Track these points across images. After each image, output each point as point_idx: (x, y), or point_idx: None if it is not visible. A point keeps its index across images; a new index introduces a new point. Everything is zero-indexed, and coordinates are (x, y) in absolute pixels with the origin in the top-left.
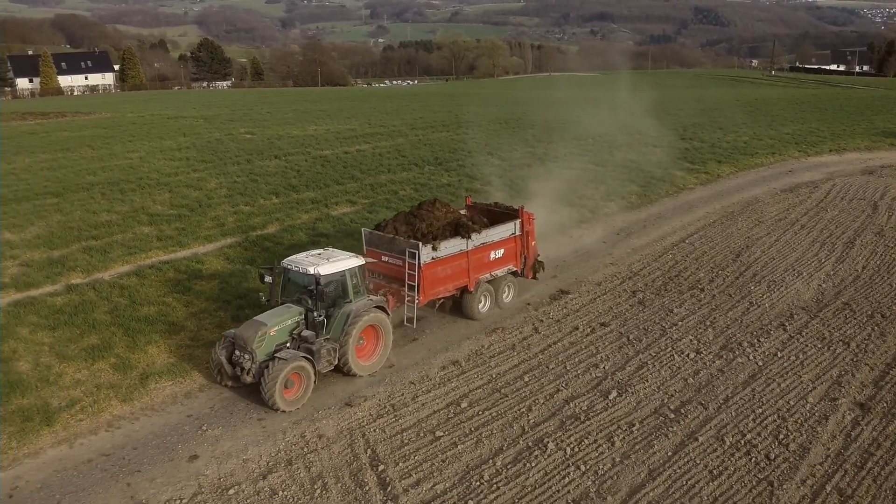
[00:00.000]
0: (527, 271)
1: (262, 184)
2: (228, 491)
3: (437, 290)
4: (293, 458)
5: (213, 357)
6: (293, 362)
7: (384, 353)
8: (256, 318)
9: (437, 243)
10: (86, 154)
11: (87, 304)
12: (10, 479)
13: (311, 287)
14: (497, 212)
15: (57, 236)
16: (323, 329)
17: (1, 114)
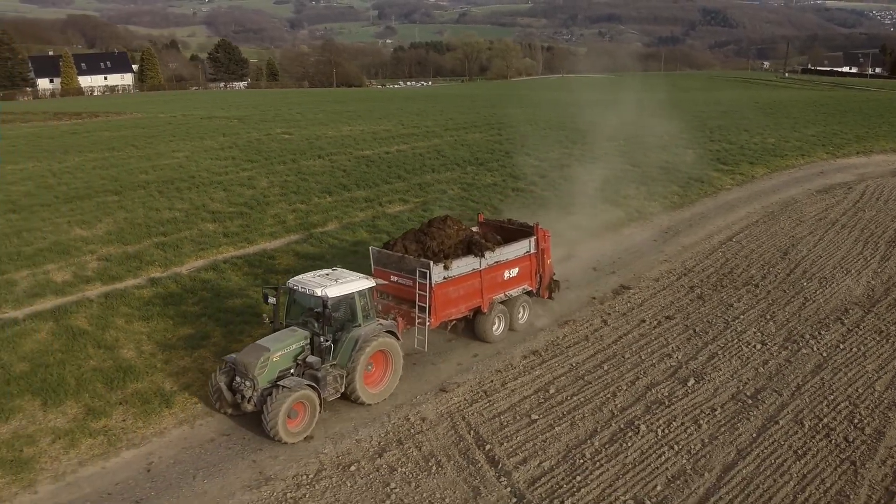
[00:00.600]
0: (542, 291)
1: (313, 183)
2: (350, 468)
3: (450, 311)
4: (402, 438)
5: (213, 383)
6: (297, 391)
7: (394, 380)
8: (259, 343)
9: (449, 262)
10: (132, 153)
11: (174, 297)
12: (143, 455)
13: (317, 310)
14: (511, 229)
15: (127, 232)
16: (330, 355)
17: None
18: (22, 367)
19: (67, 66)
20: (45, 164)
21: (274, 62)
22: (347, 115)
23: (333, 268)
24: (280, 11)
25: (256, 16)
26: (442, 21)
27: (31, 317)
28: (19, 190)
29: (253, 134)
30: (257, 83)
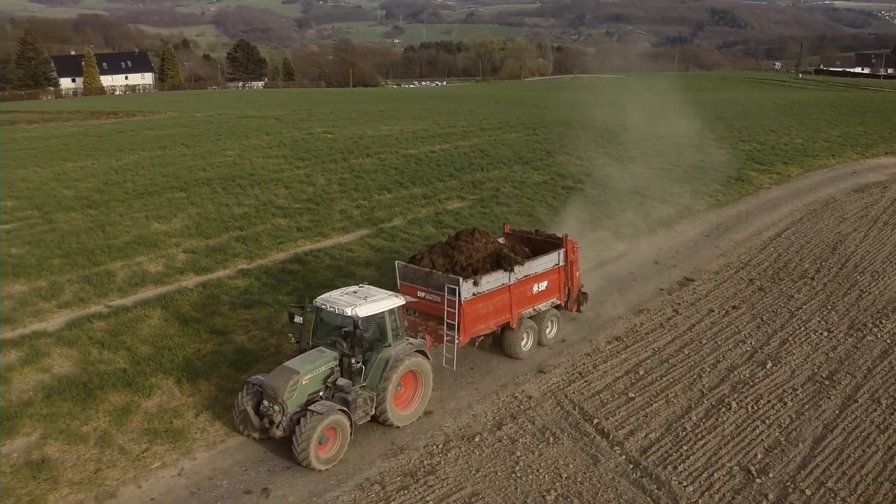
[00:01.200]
0: (571, 304)
1: (369, 180)
2: (474, 439)
3: (479, 327)
4: (515, 413)
5: (238, 406)
6: (329, 417)
7: (424, 401)
8: (287, 365)
9: (479, 278)
10: (183, 151)
11: (269, 287)
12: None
13: (347, 329)
14: (539, 240)
15: (204, 227)
16: (360, 376)
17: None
18: (146, 350)
19: (90, 65)
20: (104, 162)
21: (290, 62)
22: (379, 114)
23: (360, 284)
24: (288, 11)
25: (264, 15)
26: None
27: (138, 304)
28: (88, 186)
29: (294, 133)
30: (274, 83)
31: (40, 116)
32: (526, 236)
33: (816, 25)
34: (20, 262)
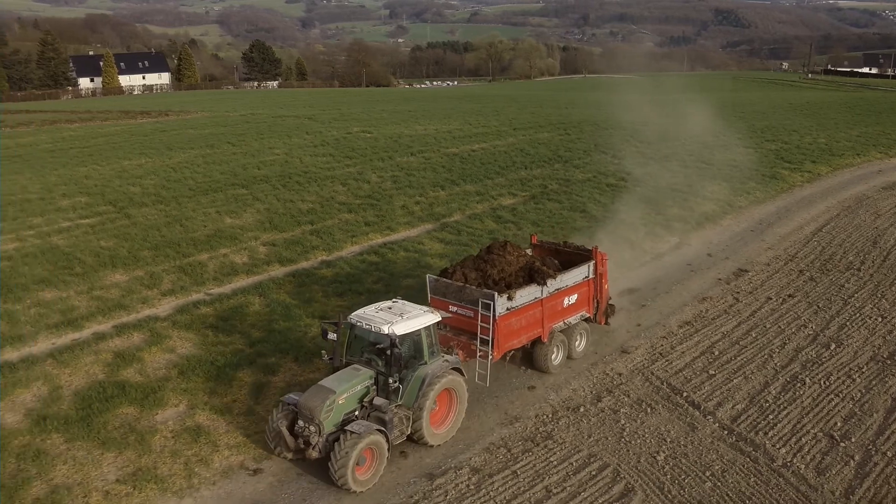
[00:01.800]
0: (599, 316)
1: (420, 178)
2: (579, 409)
3: (512, 342)
4: (610, 388)
5: (271, 426)
6: (367, 437)
7: (458, 419)
8: (322, 384)
9: (513, 293)
10: (231, 150)
11: (354, 276)
12: None
13: (381, 346)
14: (568, 252)
15: (276, 221)
16: (397, 396)
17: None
18: (257, 334)
19: (108, 65)
20: (157, 160)
21: (303, 62)
22: (409, 114)
23: (394, 300)
24: (291, 11)
25: (268, 15)
26: (453, 20)
27: (237, 292)
28: (151, 183)
29: (333, 132)
30: (288, 83)
31: (76, 116)
32: (554, 247)
33: (820, 25)
34: (114, 254)
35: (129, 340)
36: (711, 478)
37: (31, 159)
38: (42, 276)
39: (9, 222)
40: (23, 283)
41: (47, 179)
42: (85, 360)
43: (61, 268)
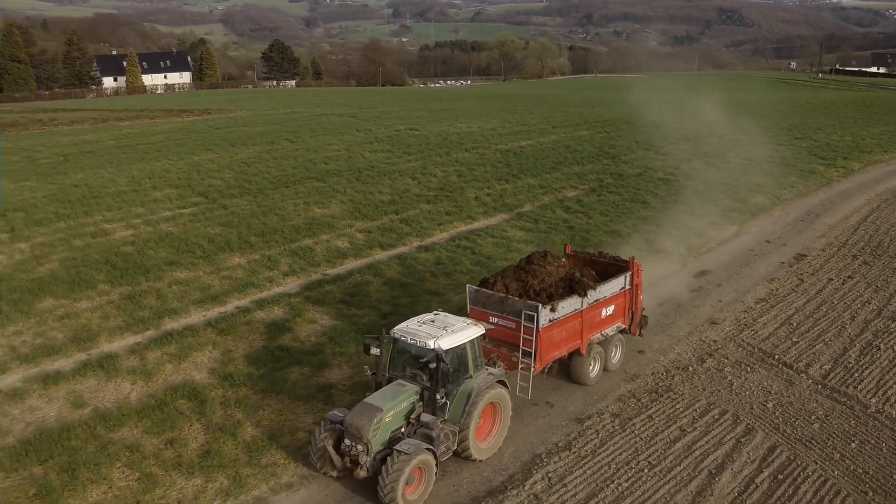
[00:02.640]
0: (633, 327)
1: (481, 172)
2: (687, 369)
3: (553, 354)
4: (710, 352)
5: (316, 444)
6: (417, 457)
7: (503, 432)
8: (368, 402)
9: (556, 304)
10: (291, 146)
11: (452, 259)
12: None
13: (425, 360)
14: (603, 262)
15: (363, 211)
16: (444, 412)
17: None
18: (385, 308)
19: (132, 65)
20: (225, 156)
21: (318, 61)
22: (444, 113)
23: (435, 312)
24: (295, 10)
25: (272, 14)
26: (457, 20)
27: (352, 272)
28: (229, 177)
29: (381, 130)
30: (306, 82)
31: (124, 115)
32: (589, 258)
33: (824, 24)
34: (226, 239)
35: (271, 313)
36: (817, 421)
37: (103, 155)
38: (170, 259)
39: (114, 211)
40: (155, 264)
41: (130, 173)
42: (241, 330)
43: (184, 252)
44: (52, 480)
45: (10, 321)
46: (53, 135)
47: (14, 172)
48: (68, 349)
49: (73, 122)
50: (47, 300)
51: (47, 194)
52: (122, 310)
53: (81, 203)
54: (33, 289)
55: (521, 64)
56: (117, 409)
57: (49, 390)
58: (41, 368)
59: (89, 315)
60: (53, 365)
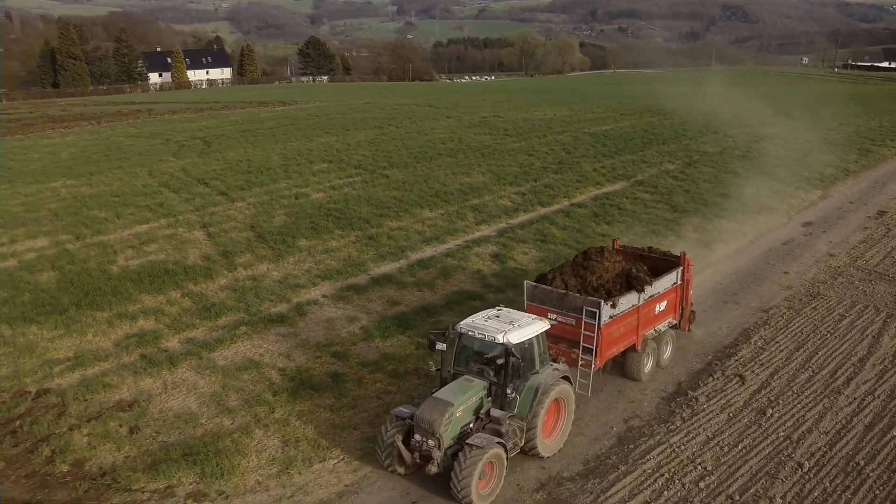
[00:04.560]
0: (684, 323)
1: (584, 150)
2: (826, 283)
3: (612, 351)
4: (839, 273)
5: (384, 440)
6: (490, 450)
7: (566, 429)
8: (438, 396)
9: (616, 300)
10: (397, 131)
11: (605, 212)
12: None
13: (496, 357)
14: (654, 258)
15: (505, 179)
16: (513, 407)
17: (227, 104)
18: (575, 244)
19: (178, 61)
20: (343, 138)
21: (346, 58)
22: (510, 104)
23: (498, 307)
24: (299, 7)
25: (276, 11)
26: (461, 17)
27: (531, 222)
28: (366, 154)
29: (469, 117)
30: (339, 77)
31: (206, 106)
32: (639, 253)
33: (829, 20)
34: (403, 200)
35: (486, 249)
36: None
37: (233, 139)
38: (375, 213)
39: (293, 180)
40: (366, 216)
41: (274, 152)
42: (472, 260)
43: (381, 207)
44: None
45: (287, 254)
46: (167, 122)
47: (175, 154)
48: (351, 271)
49: (173, 112)
50: (302, 241)
51: (219, 168)
52: (368, 246)
53: (259, 174)
54: (284, 233)
55: (541, 60)
56: (433, 304)
57: (356, 298)
58: (341, 283)
59: (346, 250)
60: (347, 282)
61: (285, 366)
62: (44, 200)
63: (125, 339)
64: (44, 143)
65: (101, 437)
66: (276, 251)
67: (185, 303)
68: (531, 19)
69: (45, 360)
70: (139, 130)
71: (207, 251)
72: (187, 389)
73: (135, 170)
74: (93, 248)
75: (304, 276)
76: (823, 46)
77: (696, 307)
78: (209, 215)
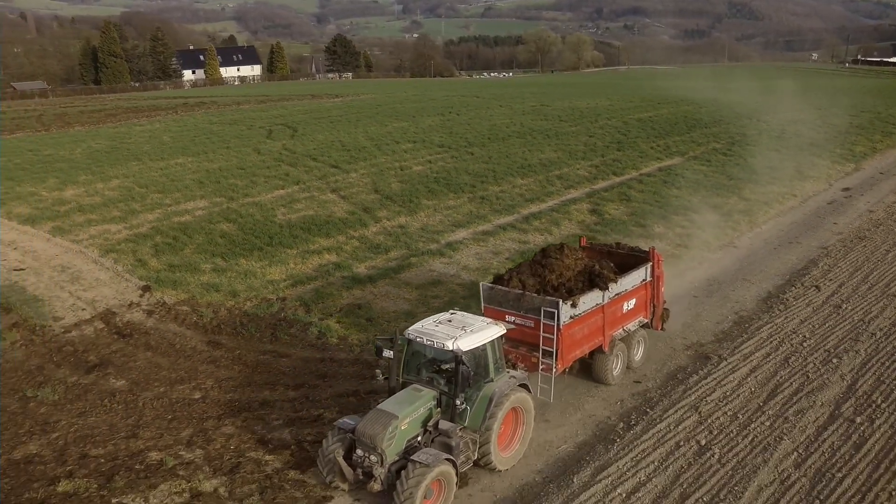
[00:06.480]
0: (655, 321)
1: (635, 133)
2: (870, 230)
3: (575, 353)
4: (879, 223)
5: (324, 453)
6: (436, 467)
7: (525, 441)
8: (382, 408)
9: (577, 299)
10: (458, 118)
11: (672, 181)
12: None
13: (447, 365)
14: (622, 254)
15: (573, 155)
16: (464, 418)
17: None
18: (658, 199)
19: (211, 58)
20: (413, 124)
21: (368, 55)
22: (547, 96)
23: (452, 311)
24: (305, 6)
25: (282, 11)
26: (467, 15)
27: (611, 187)
28: (441, 136)
29: (518, 106)
30: (363, 74)
31: (259, 99)
32: (606, 249)
33: (835, 17)
34: (496, 171)
35: (582, 206)
36: None
37: (311, 125)
38: (475, 181)
39: (389, 156)
40: (468, 182)
41: (359, 135)
42: (573, 213)
43: (479, 176)
44: None
45: (418, 209)
46: (239, 112)
47: (269, 136)
48: (477, 222)
49: (238, 104)
50: (424, 201)
51: (318, 147)
52: (483, 204)
53: (357, 152)
54: (406, 195)
55: (556, 57)
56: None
57: (491, 239)
58: (473, 230)
59: (465, 207)
60: (478, 229)
61: (461, 282)
62: (179, 173)
63: (321, 267)
64: (138, 130)
65: (349, 324)
66: (407, 208)
67: (354, 243)
68: (537, 17)
69: (267, 280)
70: (218, 119)
71: (349, 208)
72: (393, 298)
73: (241, 149)
74: (249, 206)
75: (439, 224)
76: (831, 43)
77: (766, 248)
78: (333, 182)
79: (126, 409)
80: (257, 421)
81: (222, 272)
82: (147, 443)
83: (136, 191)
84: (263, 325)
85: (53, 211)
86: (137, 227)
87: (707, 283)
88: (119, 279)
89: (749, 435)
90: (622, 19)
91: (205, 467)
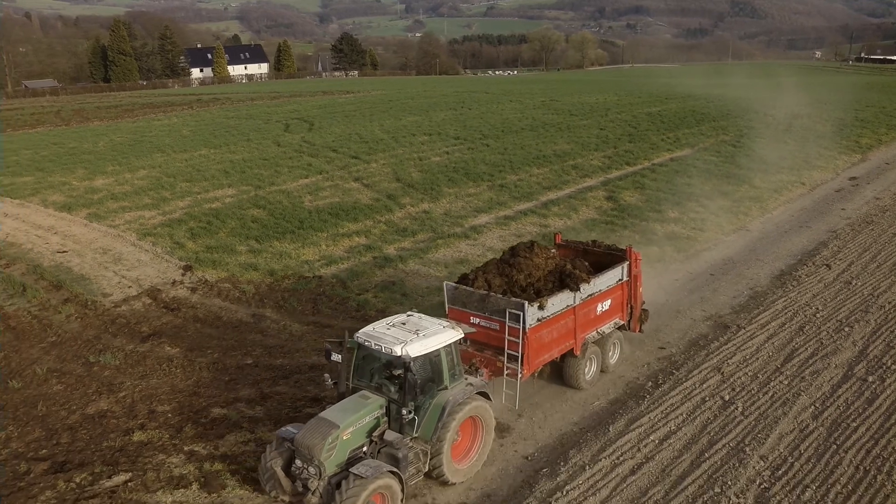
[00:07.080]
0: (633, 323)
1: (645, 126)
2: (877, 215)
3: (543, 357)
4: (885, 209)
5: (264, 465)
6: (376, 481)
7: (484, 451)
8: (324, 416)
9: (544, 300)
10: (470, 112)
11: (684, 170)
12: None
13: (394, 371)
14: (598, 253)
15: (586, 145)
16: (413, 428)
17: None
18: (670, 187)
19: (219, 56)
20: (425, 118)
21: (374, 53)
22: (557, 92)
23: (409, 313)
24: (307, 6)
25: (285, 10)
26: (469, 14)
27: (625, 176)
28: (455, 128)
29: (528, 101)
30: (369, 72)
31: (270, 95)
32: (581, 248)
33: (838, 15)
34: (512, 161)
35: (598, 193)
36: None
37: (326, 119)
38: (492, 170)
39: (406, 148)
40: (486, 171)
41: (375, 127)
42: (590, 200)
43: (496, 166)
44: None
45: (440, 196)
46: (254, 108)
47: (287, 130)
48: (498, 208)
49: (252, 100)
50: (445, 189)
51: (337, 139)
52: (502, 192)
53: (374, 143)
54: (427, 183)
55: (560, 55)
56: (575, 227)
57: (513, 224)
58: (495, 215)
59: (485, 195)
60: (499, 214)
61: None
62: (204, 164)
63: (352, 248)
64: (157, 125)
65: (385, 298)
66: (429, 195)
67: (382, 227)
68: (539, 16)
69: (302, 261)
70: (234, 113)
71: (373, 195)
72: (424, 276)
73: (262, 142)
74: (277, 194)
75: (462, 210)
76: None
77: (777, 231)
78: (355, 172)
79: (184, 372)
80: (309, 382)
81: (258, 253)
82: (209, 400)
83: (164, 180)
84: (304, 300)
85: (87, 199)
86: (171, 213)
87: (722, 262)
88: (160, 260)
89: (769, 392)
90: (624, 18)
91: (266, 421)
